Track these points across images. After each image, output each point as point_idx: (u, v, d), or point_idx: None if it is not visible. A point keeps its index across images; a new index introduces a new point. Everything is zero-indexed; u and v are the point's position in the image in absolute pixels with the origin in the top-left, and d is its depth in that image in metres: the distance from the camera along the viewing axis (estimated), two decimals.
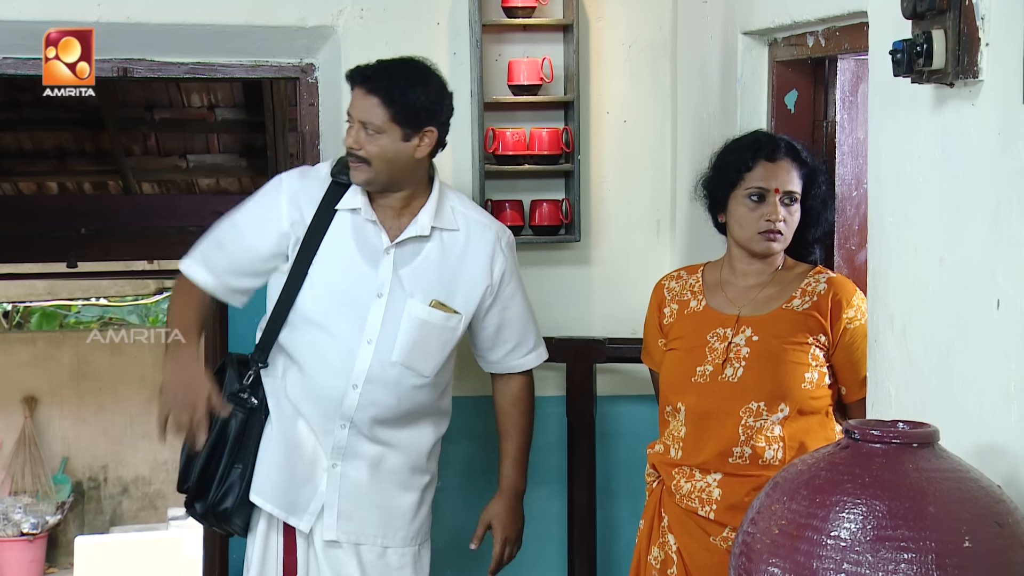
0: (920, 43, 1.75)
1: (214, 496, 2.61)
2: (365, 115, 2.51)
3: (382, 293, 2.57)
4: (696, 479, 2.42)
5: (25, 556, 6.46)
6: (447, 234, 2.63)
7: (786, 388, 2.37)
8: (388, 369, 2.58)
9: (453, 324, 2.63)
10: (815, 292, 2.42)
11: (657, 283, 2.64)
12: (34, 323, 8.74)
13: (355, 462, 2.64)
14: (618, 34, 3.36)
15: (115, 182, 7.32)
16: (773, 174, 2.43)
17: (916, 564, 1.39)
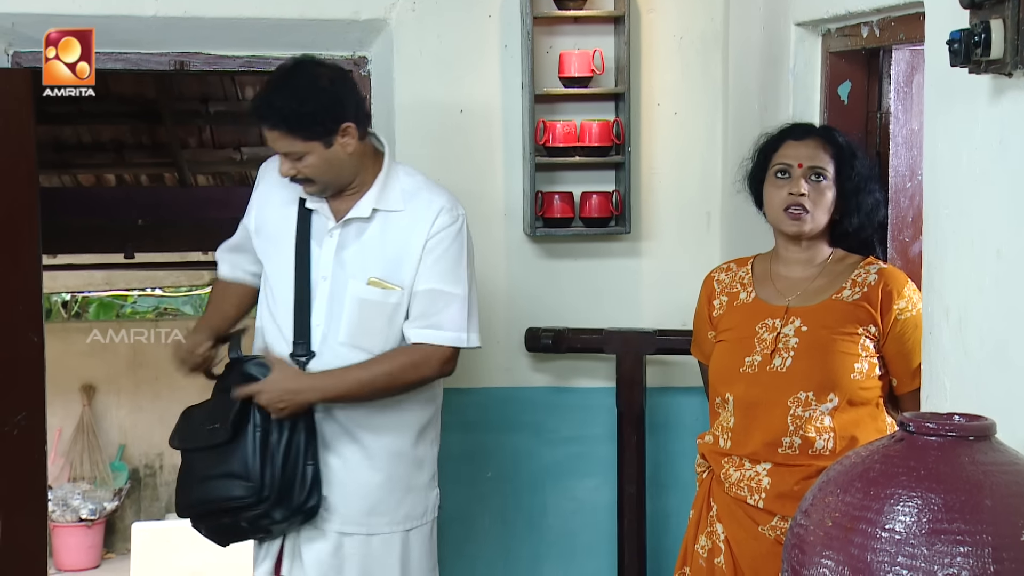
0: (978, 33, 1.73)
1: (299, 497, 2.56)
2: (282, 148, 2.56)
3: (326, 276, 2.62)
4: (745, 468, 2.42)
5: (84, 541, 6.57)
6: (390, 215, 2.62)
7: (835, 378, 2.36)
8: (337, 350, 2.60)
9: (394, 300, 2.60)
10: (865, 283, 2.40)
11: (707, 275, 2.63)
12: (92, 313, 8.88)
13: (331, 450, 2.62)
14: (669, 26, 3.35)
15: (171, 174, 7.42)
16: (797, 151, 2.43)
17: (972, 558, 1.38)
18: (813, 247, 2.47)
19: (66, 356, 6.70)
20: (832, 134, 2.48)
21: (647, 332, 3.30)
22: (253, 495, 2.54)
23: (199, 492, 2.62)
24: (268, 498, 2.54)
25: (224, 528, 2.65)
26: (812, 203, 2.41)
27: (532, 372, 3.39)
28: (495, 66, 3.29)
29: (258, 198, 2.76)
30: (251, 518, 2.58)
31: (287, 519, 2.58)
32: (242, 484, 2.54)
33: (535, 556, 3.43)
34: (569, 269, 3.38)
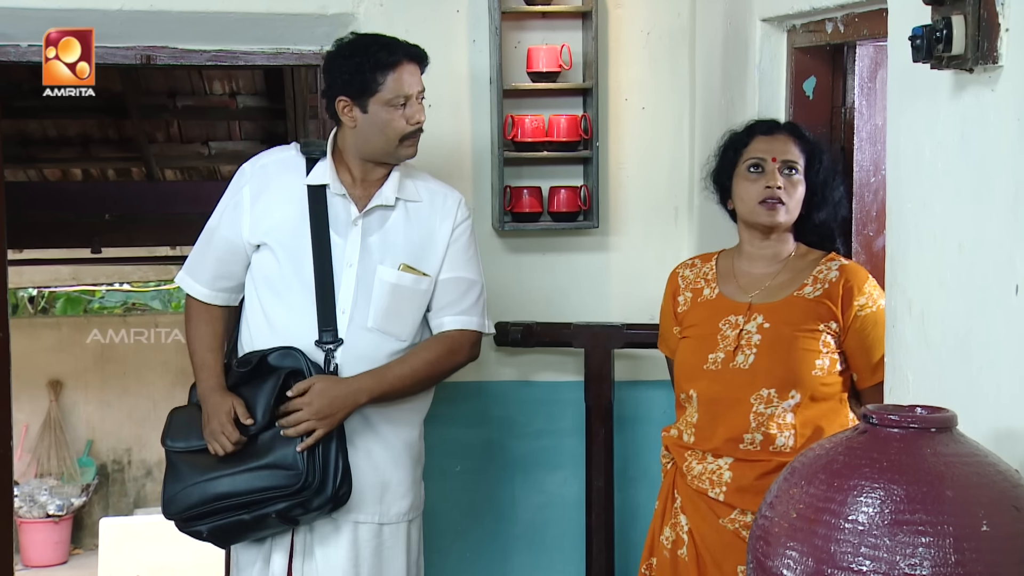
0: (940, 29, 1.75)
1: (333, 485, 2.58)
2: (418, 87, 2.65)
3: (352, 263, 2.64)
4: (708, 461, 2.44)
5: (51, 537, 6.53)
6: (411, 204, 2.70)
7: (797, 374, 2.38)
8: (365, 336, 2.63)
9: (424, 287, 2.68)
10: (827, 279, 2.43)
11: (672, 271, 2.65)
12: (59, 308, 8.81)
13: (352, 441, 2.64)
14: (636, 21, 3.36)
15: (138, 169, 7.37)
16: (769, 145, 2.46)
17: (934, 548, 1.40)
18: (780, 242, 2.49)
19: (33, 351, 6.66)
20: (799, 130, 2.51)
21: (615, 326, 3.31)
22: (298, 482, 2.55)
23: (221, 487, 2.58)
24: (310, 485, 2.55)
25: (238, 525, 2.61)
26: (787, 195, 2.43)
27: (501, 366, 3.40)
28: (463, 61, 3.29)
29: (256, 207, 2.67)
30: (286, 508, 2.57)
31: (321, 507, 2.59)
32: (288, 472, 2.55)
33: (504, 549, 3.44)
34: (538, 263, 3.39)
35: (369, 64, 2.59)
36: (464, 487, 3.39)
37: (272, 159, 2.74)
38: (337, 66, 2.63)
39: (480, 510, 3.42)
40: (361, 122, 2.63)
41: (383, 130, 2.61)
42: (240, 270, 2.72)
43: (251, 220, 2.68)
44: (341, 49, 2.66)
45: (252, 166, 2.73)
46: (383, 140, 2.63)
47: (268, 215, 2.67)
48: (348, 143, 2.68)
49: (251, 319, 2.70)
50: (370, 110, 2.61)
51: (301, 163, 2.70)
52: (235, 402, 2.62)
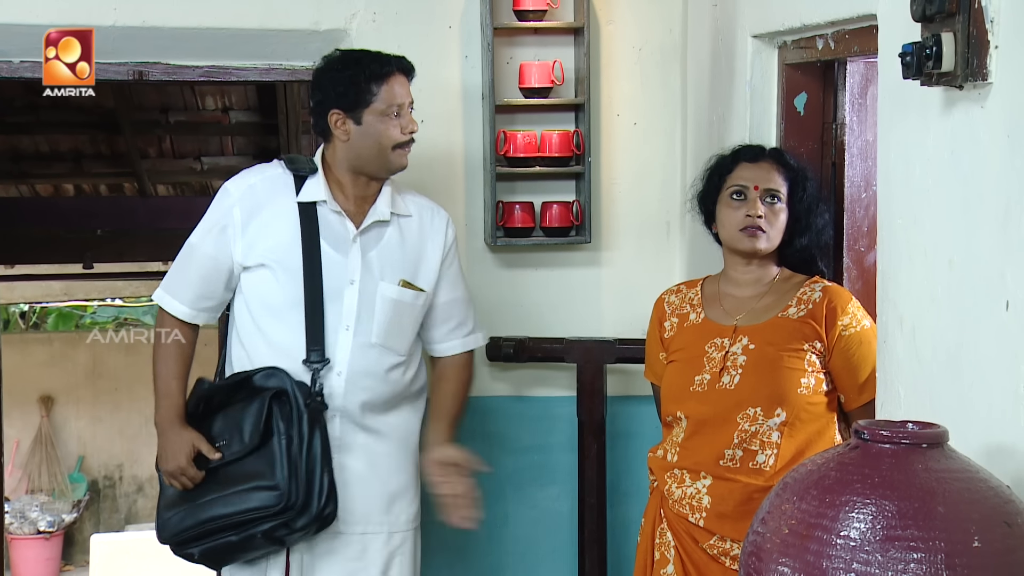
0: (929, 46, 1.76)
1: (318, 504, 2.58)
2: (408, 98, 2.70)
3: (354, 280, 2.65)
4: (686, 485, 2.45)
5: (42, 554, 6.50)
6: (403, 219, 2.74)
7: (782, 392, 2.39)
8: (368, 351, 2.66)
9: (421, 302, 2.74)
10: (810, 300, 2.45)
11: (658, 298, 2.68)
12: (50, 323, 8.79)
13: (352, 453, 2.67)
14: (628, 37, 3.37)
15: (130, 184, 7.36)
16: (753, 173, 2.48)
17: (926, 564, 1.40)
18: (764, 266, 2.51)
19: (24, 367, 6.64)
20: (784, 157, 2.54)
21: (607, 341, 3.31)
22: (280, 502, 2.55)
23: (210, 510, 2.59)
24: (294, 505, 2.56)
25: (227, 547, 2.61)
26: (768, 224, 2.45)
27: (493, 381, 3.39)
28: (456, 76, 3.30)
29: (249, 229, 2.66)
30: (270, 528, 2.58)
31: (306, 527, 2.59)
32: (270, 493, 2.56)
33: (497, 565, 3.43)
34: (530, 279, 3.39)
35: (363, 76, 2.61)
36: None
37: (259, 178, 2.72)
38: (329, 79, 2.65)
39: None
40: (354, 134, 2.64)
41: (378, 140, 2.63)
42: (222, 290, 2.71)
43: (245, 243, 2.66)
44: (332, 63, 2.68)
45: (238, 186, 2.71)
46: (377, 150, 2.64)
47: (264, 236, 2.66)
48: (339, 157, 2.68)
49: (245, 339, 2.69)
50: (364, 121, 2.63)
51: (290, 180, 2.69)
52: (195, 439, 2.62)
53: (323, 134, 2.70)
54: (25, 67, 3.22)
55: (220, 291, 2.72)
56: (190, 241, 2.73)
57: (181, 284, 2.73)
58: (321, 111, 2.66)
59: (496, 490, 3.41)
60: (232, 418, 2.63)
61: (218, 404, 2.67)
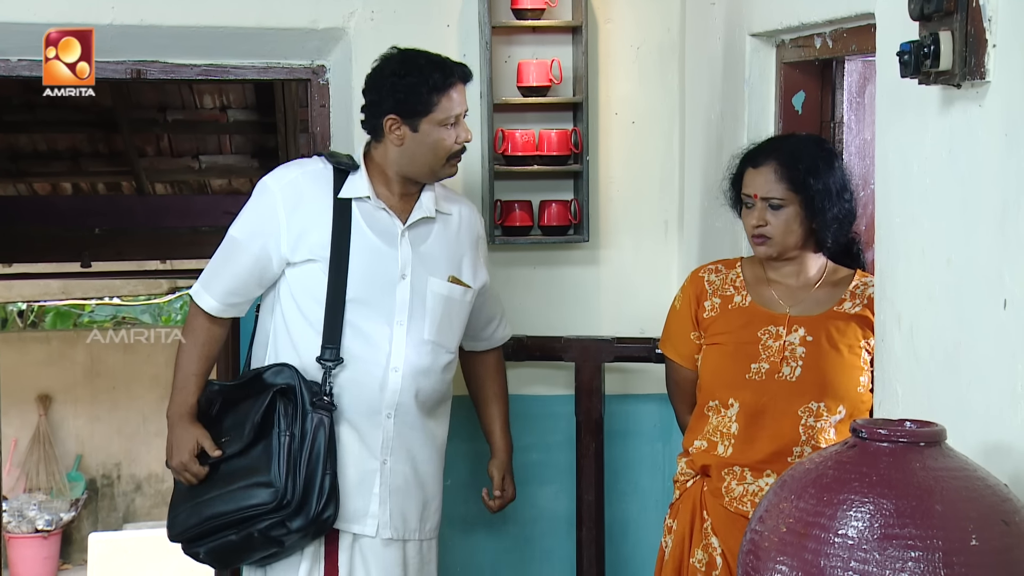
0: (927, 44, 1.76)
1: (316, 506, 2.55)
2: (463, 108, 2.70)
3: (406, 274, 2.65)
4: (748, 482, 2.42)
5: (39, 553, 6.50)
6: (447, 217, 2.75)
7: (844, 390, 2.40)
8: (421, 348, 2.65)
9: (468, 298, 2.76)
10: (865, 295, 2.45)
11: (694, 275, 2.63)
12: (48, 322, 8.78)
13: (400, 456, 2.67)
14: (626, 36, 3.37)
15: (128, 183, 7.36)
16: (753, 181, 2.48)
17: (923, 563, 1.40)
18: (798, 260, 2.49)
19: (22, 366, 6.64)
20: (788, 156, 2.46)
21: (605, 340, 3.31)
22: (276, 500, 2.53)
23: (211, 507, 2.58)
24: (289, 504, 2.53)
25: (229, 546, 2.59)
26: (773, 229, 2.45)
27: None
28: None
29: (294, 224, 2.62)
30: (266, 527, 2.55)
31: (302, 529, 2.55)
32: (267, 490, 2.54)
33: (494, 563, 3.43)
34: (528, 277, 3.39)
35: (425, 85, 2.58)
36: (454, 501, 3.38)
37: (300, 172, 2.69)
38: (389, 84, 2.60)
39: (470, 524, 3.41)
40: (409, 140, 2.61)
41: (433, 149, 2.62)
42: (255, 287, 2.69)
43: (291, 238, 2.62)
44: (391, 65, 2.63)
45: (278, 182, 2.67)
46: (431, 159, 2.63)
47: (309, 230, 2.62)
48: (390, 159, 2.65)
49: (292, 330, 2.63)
50: (421, 129, 2.60)
51: (331, 175, 2.67)
52: (199, 435, 2.62)
53: (373, 133, 2.67)
54: (23, 65, 3.22)
55: (252, 287, 2.69)
56: (231, 235, 2.68)
57: (215, 277, 2.69)
58: (376, 113, 2.62)
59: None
60: (240, 415, 2.62)
61: (231, 401, 2.66)
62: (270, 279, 2.68)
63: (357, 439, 2.64)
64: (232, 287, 2.68)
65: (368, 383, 2.62)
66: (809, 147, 2.49)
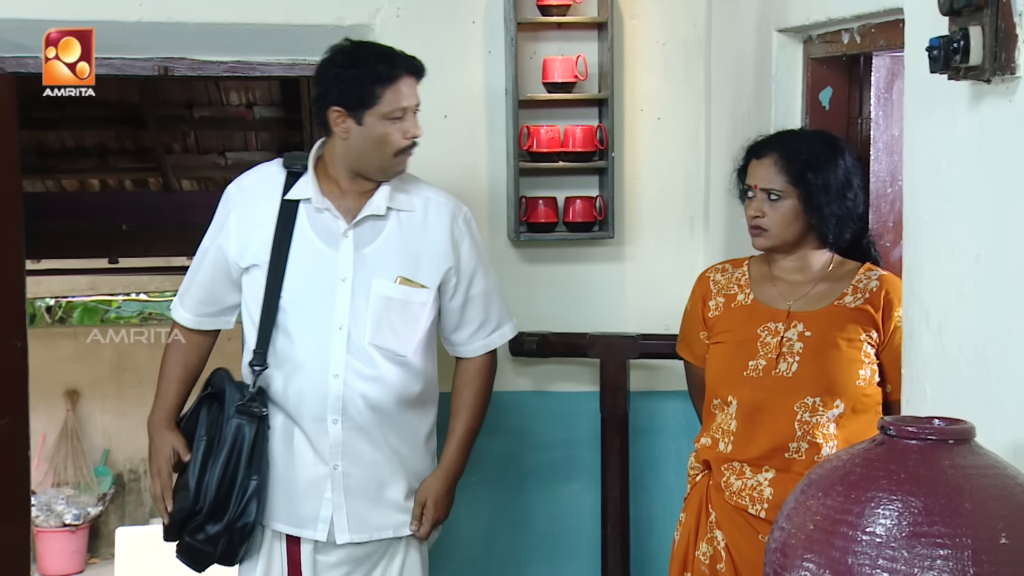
0: (957, 40, 1.75)
1: (233, 512, 2.53)
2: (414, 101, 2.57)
3: (346, 277, 2.55)
4: (747, 476, 2.42)
5: (67, 547, 6.54)
6: (404, 214, 2.60)
7: (842, 384, 2.38)
8: (362, 353, 2.55)
9: (422, 299, 2.59)
10: (867, 289, 2.43)
11: (701, 275, 2.64)
12: (76, 318, 8.84)
13: (355, 459, 2.59)
14: (652, 31, 3.37)
15: (155, 179, 7.40)
16: (755, 171, 2.47)
17: (952, 560, 1.39)
18: (800, 255, 2.48)
19: (50, 361, 6.68)
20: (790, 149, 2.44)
21: (630, 336, 3.31)
22: (189, 505, 2.54)
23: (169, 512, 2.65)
24: (202, 510, 2.53)
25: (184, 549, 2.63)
26: (769, 221, 2.44)
27: (516, 376, 3.40)
28: (479, 71, 3.31)
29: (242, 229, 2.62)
30: (191, 531, 2.57)
31: (219, 535, 2.55)
32: (184, 494, 2.56)
33: (519, 560, 3.44)
34: (553, 274, 3.39)
35: (369, 76, 2.49)
36: (479, 498, 3.39)
37: (253, 178, 2.67)
38: (333, 75, 2.53)
39: (495, 521, 3.42)
40: (355, 134, 2.53)
41: (378, 144, 2.52)
42: (227, 295, 2.67)
43: (237, 243, 2.61)
44: (337, 58, 2.55)
45: (236, 187, 2.68)
46: (377, 154, 2.53)
47: (254, 236, 2.60)
48: (337, 154, 2.58)
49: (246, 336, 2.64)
50: (366, 123, 2.51)
51: (282, 179, 2.62)
52: (175, 442, 2.64)
53: (323, 127, 2.60)
54: None
55: (221, 294, 2.67)
56: (201, 245, 2.70)
57: (187, 290, 2.71)
58: (322, 105, 2.55)
59: (519, 485, 3.41)
60: None
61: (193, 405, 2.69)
62: (239, 284, 2.65)
63: (307, 444, 2.59)
64: (201, 297, 2.68)
65: (309, 389, 2.56)
66: (814, 142, 2.47)
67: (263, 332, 2.57)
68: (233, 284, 2.65)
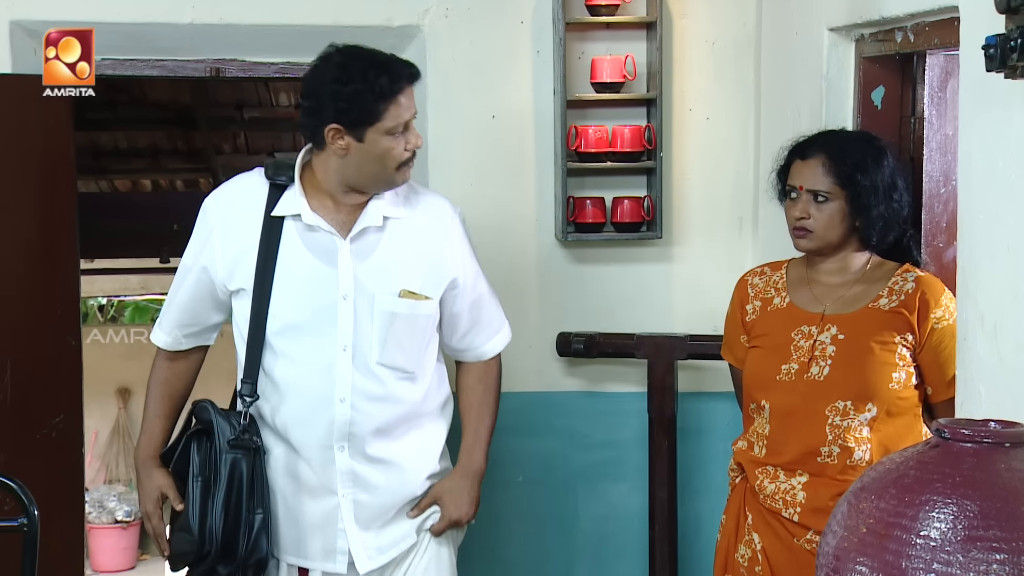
0: (1014, 37, 1.73)
1: (244, 549, 2.38)
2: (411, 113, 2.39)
3: (347, 294, 2.38)
4: (780, 480, 2.42)
5: (119, 543, 6.62)
6: (399, 221, 2.43)
7: (873, 387, 2.35)
8: (370, 373, 2.39)
9: (427, 311, 2.44)
10: (903, 291, 2.39)
11: (740, 279, 2.63)
12: (127, 317, 8.96)
13: (366, 486, 2.44)
14: (701, 31, 3.35)
15: (206, 180, 7.49)
16: (800, 172, 2.44)
17: (1008, 565, 1.37)
18: (840, 257, 2.46)
19: (102, 359, 6.76)
20: (837, 150, 2.41)
21: (678, 337, 3.30)
22: (195, 550, 2.40)
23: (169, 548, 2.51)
24: (210, 553, 2.39)
25: None
26: (815, 223, 2.42)
27: (563, 376, 3.40)
28: (527, 72, 3.31)
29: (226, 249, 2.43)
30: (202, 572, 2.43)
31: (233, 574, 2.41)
32: (188, 538, 2.40)
33: (567, 560, 3.44)
34: (600, 274, 3.39)
35: (369, 93, 2.29)
36: (526, 497, 3.39)
37: (233, 190, 2.49)
38: (329, 92, 2.31)
39: (542, 521, 3.42)
40: (354, 151, 2.33)
41: (380, 159, 2.33)
42: (209, 315, 2.51)
43: (224, 264, 2.42)
44: (331, 72, 2.32)
45: (214, 201, 2.48)
46: (379, 169, 2.35)
47: (243, 256, 2.41)
48: (332, 168, 2.37)
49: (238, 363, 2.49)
50: (367, 139, 2.32)
51: (264, 192, 2.43)
52: (163, 484, 2.50)
53: (313, 141, 2.38)
54: (105, 64, 3.28)
55: (203, 314, 2.51)
56: (181, 263, 2.51)
57: (166, 311, 2.55)
58: (316, 122, 2.33)
59: (567, 485, 3.41)
60: None
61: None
62: (225, 304, 2.49)
63: (313, 474, 2.43)
64: (180, 318, 2.53)
65: (312, 416, 2.40)
66: (859, 143, 2.45)
67: (251, 360, 2.41)
68: (217, 305, 2.49)
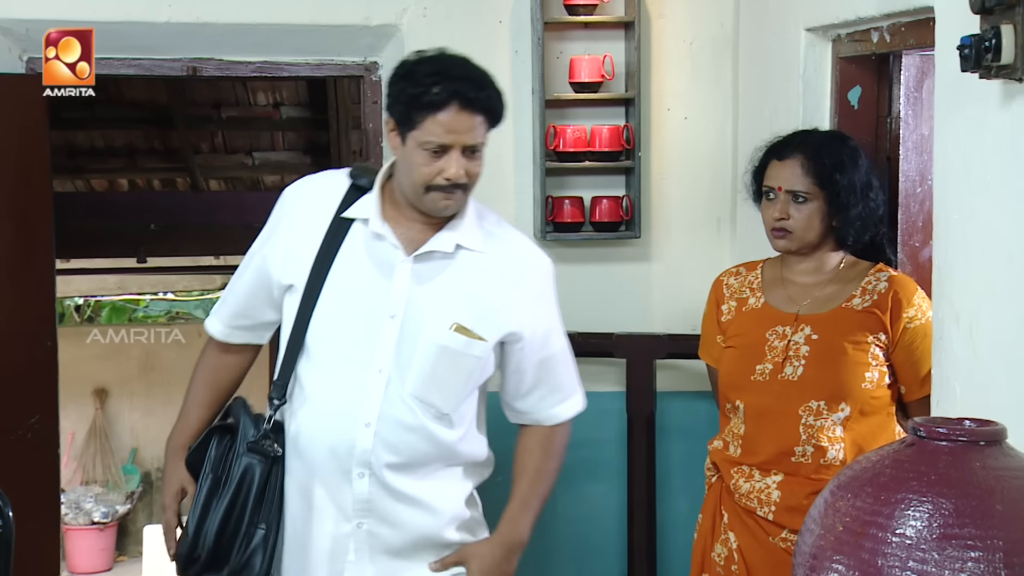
0: (988, 38, 1.74)
1: (235, 564, 2.21)
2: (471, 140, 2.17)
3: (395, 314, 2.19)
4: (755, 479, 2.43)
5: (96, 544, 6.59)
6: (475, 255, 2.23)
7: (847, 387, 2.36)
8: (401, 404, 2.19)
9: (478, 352, 2.22)
10: (875, 291, 2.41)
11: (716, 279, 2.64)
12: (104, 317, 8.92)
13: (383, 518, 2.24)
14: (679, 31, 3.36)
15: (183, 179, 7.46)
16: (778, 173, 2.43)
17: (983, 563, 1.38)
18: (816, 257, 2.47)
19: (79, 360, 6.72)
20: (814, 150, 2.41)
21: (657, 336, 3.30)
22: (187, 551, 2.24)
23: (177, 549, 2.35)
24: (199, 558, 2.22)
25: None
26: (794, 223, 2.42)
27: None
28: (506, 71, 3.31)
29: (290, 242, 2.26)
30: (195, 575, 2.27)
31: None
32: (184, 541, 2.26)
33: (545, 560, 3.44)
34: (579, 274, 3.39)
35: (412, 95, 2.12)
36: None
37: (313, 184, 2.33)
38: (392, 80, 2.19)
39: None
40: (399, 152, 2.18)
41: (411, 171, 2.15)
42: (263, 311, 2.33)
43: (284, 256, 2.26)
44: (407, 65, 2.18)
45: (293, 192, 2.32)
46: (409, 183, 2.17)
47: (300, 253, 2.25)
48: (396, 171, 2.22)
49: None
50: (408, 143, 2.15)
51: (343, 192, 2.27)
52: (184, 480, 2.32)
53: None
54: None
55: (259, 309, 2.33)
56: (250, 249, 2.35)
57: (225, 296, 2.39)
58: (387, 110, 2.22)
59: None
60: None
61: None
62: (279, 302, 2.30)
63: (329, 498, 2.24)
64: (236, 308, 2.36)
65: (333, 436, 2.21)
66: (835, 143, 2.45)
67: (287, 361, 2.24)
68: (271, 302, 2.31)
